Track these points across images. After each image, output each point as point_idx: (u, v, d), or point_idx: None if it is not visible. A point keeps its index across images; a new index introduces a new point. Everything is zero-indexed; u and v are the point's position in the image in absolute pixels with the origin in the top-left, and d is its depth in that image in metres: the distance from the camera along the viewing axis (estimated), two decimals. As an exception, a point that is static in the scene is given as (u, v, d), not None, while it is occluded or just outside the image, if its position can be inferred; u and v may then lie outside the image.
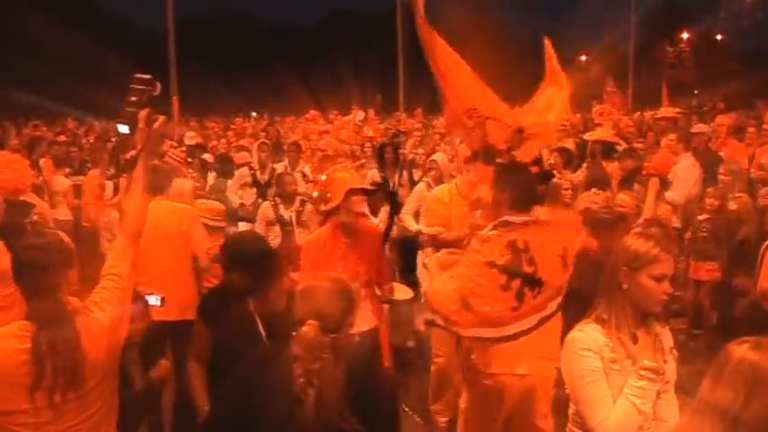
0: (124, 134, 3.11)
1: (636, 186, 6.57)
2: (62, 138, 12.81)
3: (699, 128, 9.78)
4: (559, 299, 3.60)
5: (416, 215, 7.13)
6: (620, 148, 8.16)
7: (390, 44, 27.23)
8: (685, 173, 7.56)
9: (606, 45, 35.28)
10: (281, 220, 7.00)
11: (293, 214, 7.05)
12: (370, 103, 18.83)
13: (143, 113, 2.98)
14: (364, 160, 9.90)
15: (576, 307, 3.20)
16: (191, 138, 12.00)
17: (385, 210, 7.41)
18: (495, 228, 3.54)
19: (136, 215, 2.97)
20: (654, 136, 10.49)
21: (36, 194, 6.79)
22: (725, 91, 20.59)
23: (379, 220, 7.09)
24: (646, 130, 11.83)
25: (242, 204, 8.48)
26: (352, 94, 21.43)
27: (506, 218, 3.54)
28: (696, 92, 27.65)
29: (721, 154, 8.99)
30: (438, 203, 5.67)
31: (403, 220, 7.52)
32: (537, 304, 3.49)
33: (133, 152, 6.16)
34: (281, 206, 7.07)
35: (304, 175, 8.69)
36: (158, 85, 3.09)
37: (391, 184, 8.77)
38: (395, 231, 7.86)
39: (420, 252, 7.19)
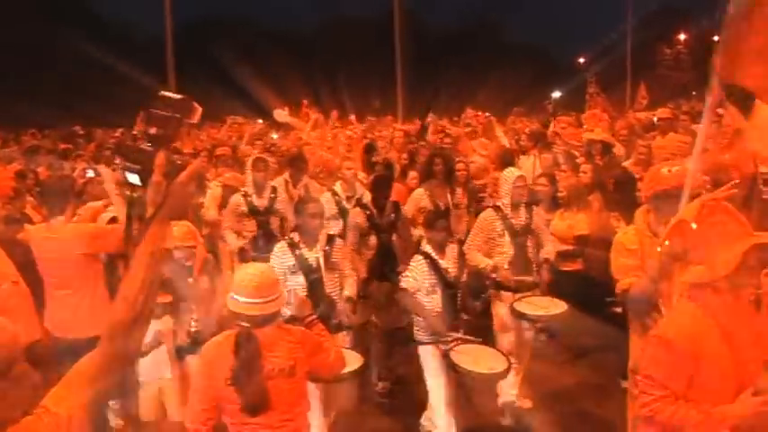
0: (134, 185, 1.93)
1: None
2: (62, 146, 12.81)
3: (694, 129, 9.81)
4: None
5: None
6: (615, 150, 8.26)
7: (388, 50, 27.29)
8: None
9: (603, 47, 35.38)
10: (303, 266, 5.22)
11: (320, 255, 5.30)
12: (369, 108, 18.80)
13: (160, 157, 1.93)
14: None
15: None
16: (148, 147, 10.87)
17: (453, 248, 5.50)
18: None
19: (133, 300, 1.90)
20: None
21: (35, 209, 6.82)
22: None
23: (448, 261, 5.39)
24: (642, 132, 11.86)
25: (242, 249, 6.73)
26: (350, 100, 21.39)
27: None
28: (694, 93, 27.69)
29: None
30: (624, 253, 4.11)
31: (468, 256, 5.82)
32: None
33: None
34: (303, 246, 5.28)
35: (334, 194, 7.01)
36: (198, 110, 2.00)
37: (441, 206, 6.88)
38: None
39: (494, 298, 5.96)
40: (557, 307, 5.53)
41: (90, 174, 7.09)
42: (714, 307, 2.70)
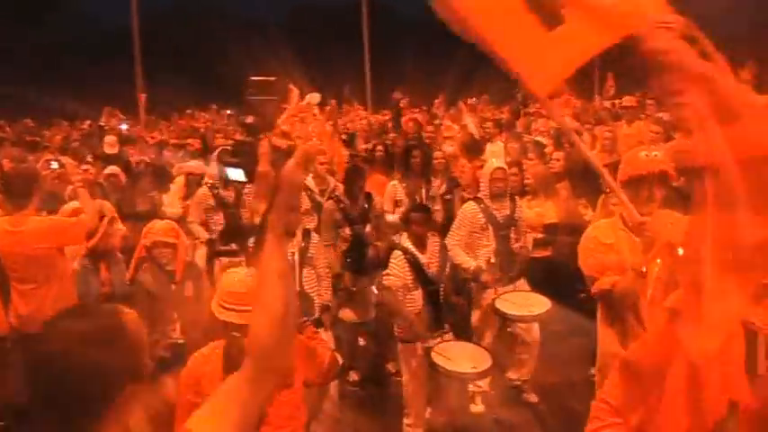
0: (237, 181, 1.65)
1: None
2: (29, 138, 12.60)
3: (660, 117, 9.90)
4: None
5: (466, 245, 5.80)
6: (583, 138, 8.35)
7: (356, 37, 27.17)
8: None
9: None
10: None
11: (296, 251, 5.03)
12: (338, 95, 18.62)
13: (263, 146, 1.81)
14: None
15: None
16: (110, 145, 10.22)
17: (434, 243, 5.33)
18: None
19: (274, 310, 1.61)
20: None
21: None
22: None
23: (428, 257, 5.24)
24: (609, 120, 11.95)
25: (210, 241, 6.62)
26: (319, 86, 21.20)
27: None
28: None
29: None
30: (600, 248, 3.86)
31: (452, 252, 5.66)
32: None
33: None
34: None
35: (307, 188, 6.65)
36: (294, 92, 1.59)
37: (417, 198, 6.82)
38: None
39: (477, 293, 5.85)
40: (540, 305, 5.38)
41: (54, 165, 6.96)
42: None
